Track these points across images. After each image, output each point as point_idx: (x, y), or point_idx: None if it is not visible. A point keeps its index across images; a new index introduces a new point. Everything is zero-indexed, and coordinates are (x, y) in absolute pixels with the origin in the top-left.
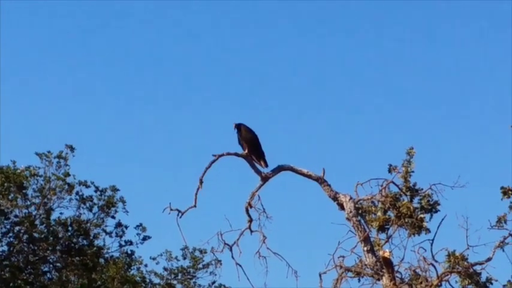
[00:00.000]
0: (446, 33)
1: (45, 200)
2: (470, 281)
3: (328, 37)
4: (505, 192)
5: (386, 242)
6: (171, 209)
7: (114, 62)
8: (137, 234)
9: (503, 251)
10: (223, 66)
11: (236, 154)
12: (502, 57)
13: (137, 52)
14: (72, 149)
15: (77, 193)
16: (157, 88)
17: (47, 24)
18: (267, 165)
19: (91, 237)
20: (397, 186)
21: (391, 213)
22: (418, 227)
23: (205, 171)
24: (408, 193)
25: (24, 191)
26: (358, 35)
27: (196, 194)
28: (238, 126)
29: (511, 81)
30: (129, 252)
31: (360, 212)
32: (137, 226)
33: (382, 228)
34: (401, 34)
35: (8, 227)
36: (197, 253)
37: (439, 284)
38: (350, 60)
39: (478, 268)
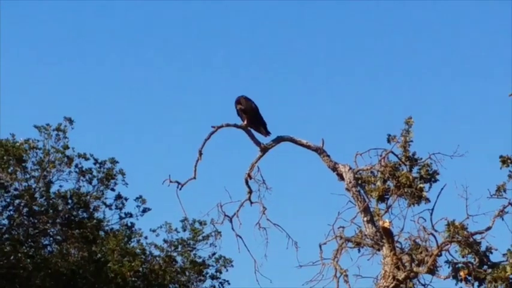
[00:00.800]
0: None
1: (45, 172)
2: (470, 250)
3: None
4: (504, 161)
5: (386, 212)
6: (171, 181)
7: (113, 31)
8: (137, 206)
9: (502, 220)
10: (222, 36)
11: (235, 125)
12: (501, 21)
13: (135, 20)
14: (71, 121)
15: (76, 166)
16: (157, 59)
17: None
18: (269, 134)
19: (91, 210)
20: (396, 156)
21: (391, 183)
22: (417, 197)
23: (204, 143)
24: (407, 163)
25: (23, 164)
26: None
27: (195, 165)
28: (237, 99)
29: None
30: (129, 224)
31: (359, 182)
32: (137, 198)
33: (381, 198)
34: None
35: (8, 200)
36: (197, 225)
37: (439, 253)
38: (348, 28)
39: (477, 237)
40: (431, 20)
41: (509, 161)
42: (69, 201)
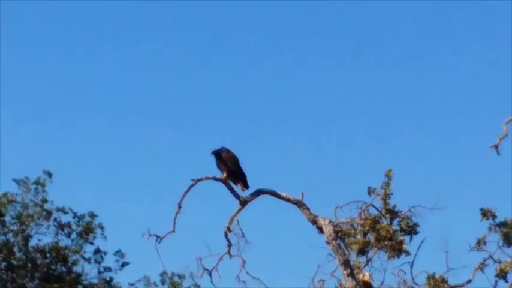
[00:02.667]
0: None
1: (23, 226)
2: None
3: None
4: (485, 213)
5: (366, 265)
6: (150, 235)
7: (91, 84)
8: (116, 260)
9: (483, 272)
10: (202, 89)
11: (214, 178)
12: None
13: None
14: (49, 174)
15: (55, 219)
16: (134, 111)
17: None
18: (247, 187)
19: (69, 264)
20: (377, 208)
21: (371, 236)
22: (397, 250)
23: (183, 196)
24: (388, 215)
25: (1, 218)
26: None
27: (175, 219)
28: (216, 152)
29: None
30: (108, 278)
31: (339, 235)
32: (116, 252)
33: (361, 251)
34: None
35: None
36: (176, 278)
37: None
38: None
39: None
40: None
41: (489, 213)
42: (48, 255)
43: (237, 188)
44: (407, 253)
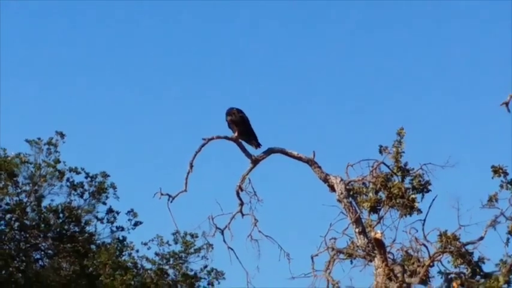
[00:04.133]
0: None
1: (36, 187)
2: (462, 261)
3: (315, 20)
4: (496, 171)
5: (377, 223)
6: (162, 194)
7: (102, 44)
8: (128, 220)
9: (495, 230)
10: (212, 47)
11: (226, 137)
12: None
13: (123, 35)
14: (62, 135)
15: (68, 180)
16: (146, 71)
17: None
18: (259, 146)
19: (82, 224)
20: (388, 167)
21: (382, 194)
22: (409, 208)
23: (195, 155)
24: (399, 173)
25: (14, 179)
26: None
27: (186, 178)
28: (228, 111)
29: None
30: (121, 238)
31: (351, 193)
32: (128, 212)
33: (373, 209)
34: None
35: (0, 215)
36: (188, 237)
37: (431, 264)
38: (340, 37)
39: (470, 247)
40: (422, 29)
41: (500, 170)
42: (61, 215)
43: (249, 147)
44: (419, 211)
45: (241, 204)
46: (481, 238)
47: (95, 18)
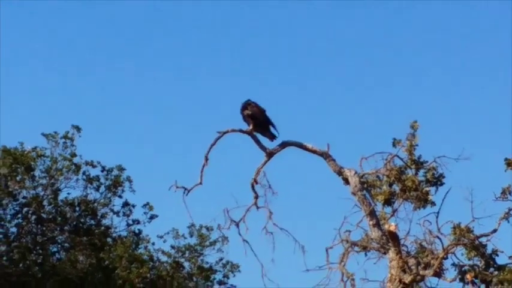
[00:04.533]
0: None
1: (53, 180)
2: (476, 253)
3: (332, 9)
4: (509, 163)
5: (391, 215)
6: (177, 187)
7: (120, 39)
8: (144, 213)
9: (508, 222)
10: (226, 40)
11: (241, 131)
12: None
13: (139, 27)
14: (78, 129)
15: (84, 173)
16: (162, 65)
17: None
18: (274, 138)
19: (98, 217)
20: (402, 159)
21: (396, 187)
22: (423, 200)
23: (210, 148)
24: (413, 166)
25: (31, 172)
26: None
27: (201, 171)
28: (243, 104)
29: None
30: (137, 231)
31: (365, 186)
32: (144, 205)
33: (387, 202)
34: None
35: (17, 208)
36: (204, 230)
37: (445, 256)
38: (354, 32)
39: (483, 240)
40: (436, 23)
41: None
42: (77, 208)
43: (264, 139)
44: (433, 203)
45: (256, 197)
46: (495, 230)
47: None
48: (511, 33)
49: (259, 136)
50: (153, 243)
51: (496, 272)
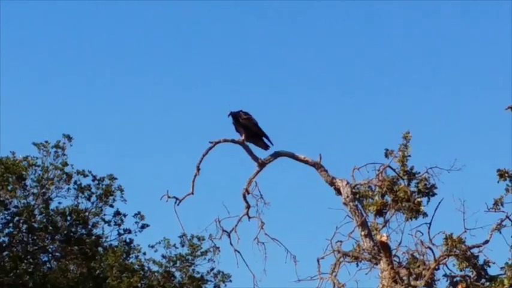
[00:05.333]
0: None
1: (44, 190)
2: (468, 264)
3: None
4: (502, 174)
5: (383, 226)
6: (169, 197)
7: (109, 50)
8: (136, 222)
9: (500, 233)
10: (217, 48)
11: (233, 141)
12: (497, 36)
13: (130, 39)
14: (69, 138)
15: (75, 182)
16: (154, 74)
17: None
18: (268, 148)
19: (90, 226)
20: (394, 170)
21: (388, 198)
22: (415, 211)
23: (202, 158)
24: (405, 177)
25: (23, 182)
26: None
27: (193, 181)
28: (234, 115)
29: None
30: (128, 240)
31: (357, 196)
32: (135, 214)
33: (379, 213)
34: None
35: (8, 217)
36: (195, 240)
37: (437, 267)
38: (347, 41)
39: (475, 251)
40: (428, 33)
41: (506, 174)
42: (68, 217)
43: (257, 149)
44: (425, 214)
45: (248, 207)
46: (487, 241)
47: (101, 19)
48: (506, 43)
49: (252, 146)
50: (144, 253)
51: (487, 283)
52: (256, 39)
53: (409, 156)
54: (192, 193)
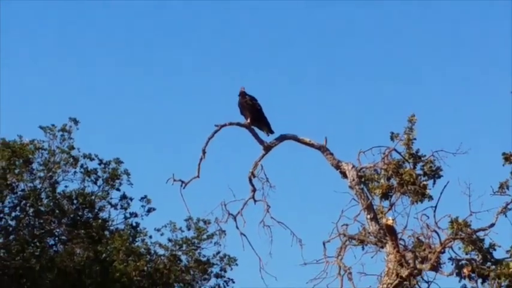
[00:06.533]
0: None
1: (50, 173)
2: (473, 247)
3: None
4: (507, 158)
5: (389, 209)
6: (175, 180)
7: (117, 33)
8: (142, 206)
9: (505, 216)
10: (222, 34)
11: (238, 124)
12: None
13: (137, 21)
14: (76, 122)
15: (82, 166)
16: (159, 58)
17: None
18: (271, 133)
19: (96, 210)
20: (400, 153)
21: (394, 181)
22: (421, 194)
23: (207, 142)
24: (411, 160)
25: (30, 165)
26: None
27: (199, 164)
28: (242, 95)
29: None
30: (134, 224)
31: (362, 180)
32: (142, 198)
33: (385, 196)
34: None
35: (15, 201)
36: (201, 224)
37: (443, 250)
38: (350, 27)
39: (481, 234)
40: (432, 18)
41: (511, 158)
42: (75, 201)
43: (262, 133)
44: (431, 198)
45: (254, 190)
46: (492, 225)
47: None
48: (510, 29)
49: (257, 130)
50: (150, 237)
51: (493, 267)
52: (258, 23)
53: (415, 139)
54: (198, 176)
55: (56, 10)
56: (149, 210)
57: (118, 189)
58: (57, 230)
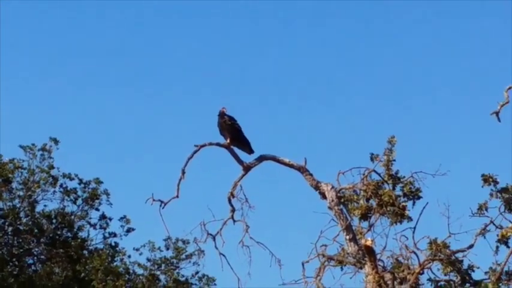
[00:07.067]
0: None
1: (30, 192)
2: (452, 269)
3: (309, 27)
4: (486, 179)
5: (368, 230)
6: (154, 200)
7: (95, 55)
8: (121, 226)
9: (484, 238)
10: (204, 57)
11: (218, 144)
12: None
13: (115, 45)
14: (56, 141)
15: (61, 186)
16: (139, 79)
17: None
18: (252, 152)
19: (75, 230)
20: (379, 174)
21: (373, 202)
22: (400, 215)
23: (187, 162)
24: (390, 181)
25: (8, 184)
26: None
27: (178, 184)
28: (222, 115)
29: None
30: (113, 244)
31: (341, 200)
32: (121, 218)
33: (364, 217)
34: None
35: None
36: (180, 243)
37: (421, 271)
38: (330, 49)
39: (459, 255)
40: (410, 40)
41: (490, 179)
42: (54, 220)
43: (241, 153)
44: (410, 219)
45: (233, 210)
46: (471, 246)
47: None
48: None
49: (237, 150)
50: (129, 256)
51: None
52: (242, 42)
53: (394, 160)
54: (177, 196)
55: (39, 29)
56: (128, 230)
57: (97, 209)
58: (36, 249)
